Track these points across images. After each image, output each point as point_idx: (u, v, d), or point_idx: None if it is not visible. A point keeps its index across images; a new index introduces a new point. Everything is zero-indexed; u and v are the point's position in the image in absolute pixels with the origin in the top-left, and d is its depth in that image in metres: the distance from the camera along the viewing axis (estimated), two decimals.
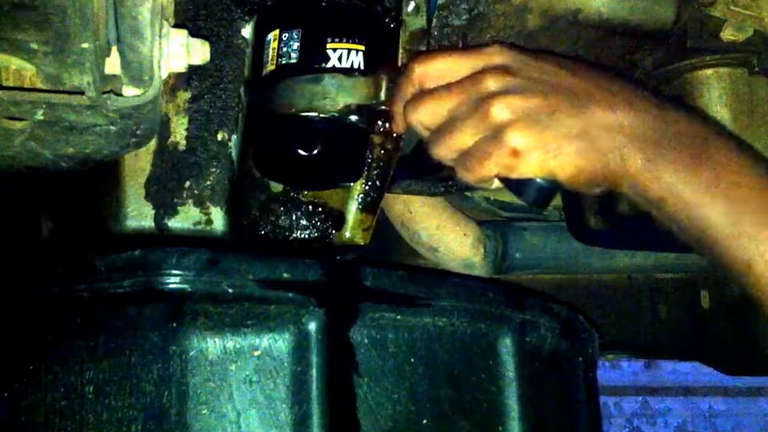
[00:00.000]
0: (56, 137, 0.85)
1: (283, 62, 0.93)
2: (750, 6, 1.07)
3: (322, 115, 0.92)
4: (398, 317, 0.86)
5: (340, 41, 0.93)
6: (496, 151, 0.82)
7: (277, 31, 0.94)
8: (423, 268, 1.31)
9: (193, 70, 0.95)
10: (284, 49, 0.93)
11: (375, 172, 1.00)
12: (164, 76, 0.87)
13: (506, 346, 0.92)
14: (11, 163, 0.88)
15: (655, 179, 0.80)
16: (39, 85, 0.80)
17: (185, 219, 1.01)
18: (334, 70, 0.93)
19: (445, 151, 0.86)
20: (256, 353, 0.80)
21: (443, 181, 1.18)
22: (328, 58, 0.92)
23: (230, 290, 0.80)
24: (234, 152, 1.03)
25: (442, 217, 1.30)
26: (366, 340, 0.84)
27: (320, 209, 1.01)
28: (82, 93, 0.80)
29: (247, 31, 1.03)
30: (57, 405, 0.80)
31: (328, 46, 0.92)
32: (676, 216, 0.81)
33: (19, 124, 0.82)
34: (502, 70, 0.84)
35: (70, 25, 0.74)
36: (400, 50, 1.03)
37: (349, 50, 0.93)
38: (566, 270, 1.49)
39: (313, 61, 0.93)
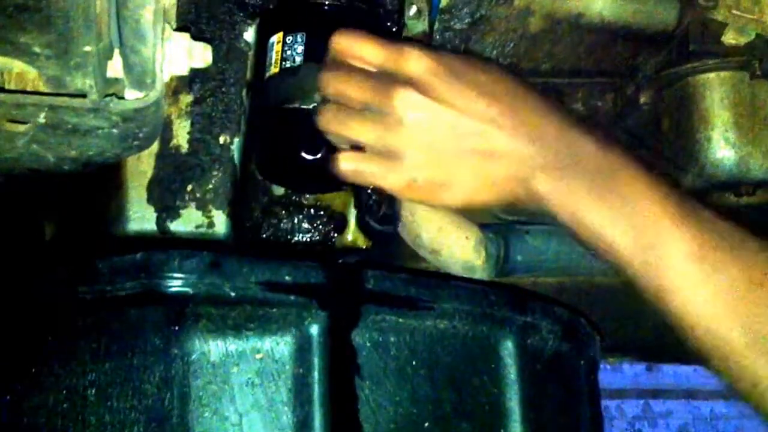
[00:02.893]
0: (59, 140, 0.85)
1: (287, 65, 0.93)
2: (752, 10, 1.07)
3: (315, 105, 0.91)
4: (400, 320, 0.86)
5: None
6: (392, 176, 0.85)
7: (280, 34, 0.94)
8: (425, 271, 1.30)
9: (195, 73, 0.95)
10: (288, 52, 0.93)
11: None
12: (166, 79, 0.87)
13: (508, 348, 0.92)
14: (14, 165, 0.88)
15: (560, 206, 0.82)
16: (41, 88, 0.80)
17: (187, 222, 1.01)
18: None
19: (329, 126, 0.87)
20: (258, 356, 0.80)
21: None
22: None
23: (232, 293, 0.80)
24: (236, 155, 1.03)
25: (444, 220, 1.30)
26: (368, 343, 0.84)
27: (322, 212, 1.01)
28: (84, 96, 0.80)
29: (249, 35, 1.03)
30: (59, 407, 0.80)
31: None
32: (587, 241, 0.83)
33: (21, 127, 0.82)
34: (413, 86, 0.83)
35: (72, 28, 0.74)
36: None
37: None
38: (568, 273, 1.49)
39: (318, 64, 0.93)
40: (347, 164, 0.86)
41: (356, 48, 0.87)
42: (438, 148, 0.83)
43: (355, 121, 0.86)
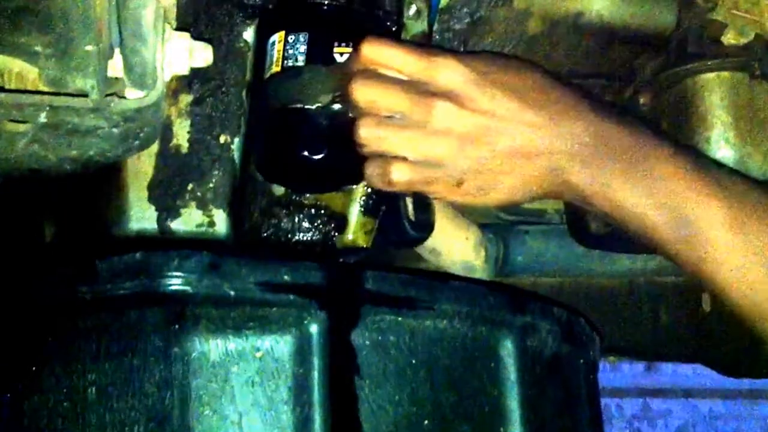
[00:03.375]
0: (59, 140, 0.85)
1: (289, 64, 0.93)
2: (751, 10, 1.07)
3: (319, 105, 0.92)
4: (400, 320, 0.86)
5: (347, 45, 0.93)
6: (438, 184, 0.88)
7: (282, 33, 0.94)
8: (424, 271, 1.31)
9: (195, 73, 0.95)
10: (290, 52, 0.93)
11: None
12: (167, 79, 0.87)
13: (507, 349, 0.92)
14: (14, 165, 0.89)
15: (596, 194, 0.85)
16: (42, 88, 0.80)
17: (188, 222, 1.01)
18: None
19: (370, 140, 0.89)
20: (258, 354, 0.80)
21: None
22: (334, 61, 0.93)
23: (232, 293, 0.80)
24: (236, 155, 1.03)
25: (444, 221, 1.30)
26: (367, 343, 0.84)
27: (322, 212, 1.01)
28: (85, 96, 0.80)
29: (248, 35, 1.04)
30: (59, 407, 0.80)
31: (335, 50, 0.93)
32: (624, 225, 0.86)
33: (22, 127, 0.82)
34: (450, 98, 0.86)
35: (73, 28, 0.74)
36: None
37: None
38: (568, 273, 1.49)
39: (320, 63, 0.93)
40: (402, 175, 0.88)
41: (388, 57, 0.88)
42: (479, 155, 0.86)
43: (396, 136, 0.88)
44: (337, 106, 0.91)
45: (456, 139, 0.86)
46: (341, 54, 0.93)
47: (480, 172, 0.87)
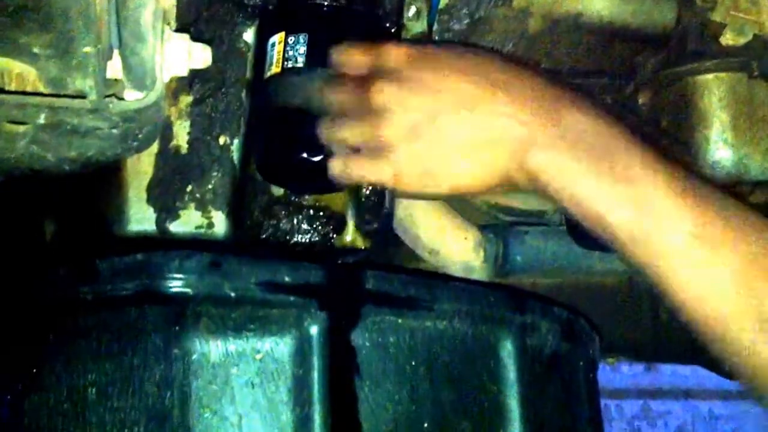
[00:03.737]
0: (59, 141, 0.85)
1: (289, 65, 0.93)
2: (750, 10, 1.07)
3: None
4: (399, 320, 0.86)
5: None
6: (378, 171, 0.85)
7: (282, 34, 0.95)
8: (424, 271, 1.31)
9: (194, 74, 0.96)
10: (290, 53, 0.93)
11: None
12: (166, 79, 0.87)
13: (507, 348, 0.92)
14: (14, 166, 0.89)
15: (557, 186, 0.79)
16: (41, 88, 0.81)
17: (187, 222, 1.01)
18: None
19: (326, 135, 0.89)
20: (258, 356, 0.80)
21: None
22: None
23: (232, 293, 0.80)
24: (236, 156, 1.03)
25: (443, 221, 1.30)
26: (367, 343, 0.84)
27: (322, 213, 1.01)
28: (84, 97, 0.80)
29: (248, 35, 1.04)
30: (60, 406, 0.80)
31: None
32: (587, 221, 0.79)
33: (21, 128, 0.82)
34: (389, 79, 0.83)
35: (72, 29, 0.74)
36: None
37: None
38: (567, 273, 1.49)
39: (319, 65, 0.93)
40: (335, 167, 0.88)
41: (344, 57, 0.88)
42: (421, 137, 0.82)
43: (343, 125, 0.87)
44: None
45: (394, 119, 0.82)
46: None
47: (422, 156, 0.82)
